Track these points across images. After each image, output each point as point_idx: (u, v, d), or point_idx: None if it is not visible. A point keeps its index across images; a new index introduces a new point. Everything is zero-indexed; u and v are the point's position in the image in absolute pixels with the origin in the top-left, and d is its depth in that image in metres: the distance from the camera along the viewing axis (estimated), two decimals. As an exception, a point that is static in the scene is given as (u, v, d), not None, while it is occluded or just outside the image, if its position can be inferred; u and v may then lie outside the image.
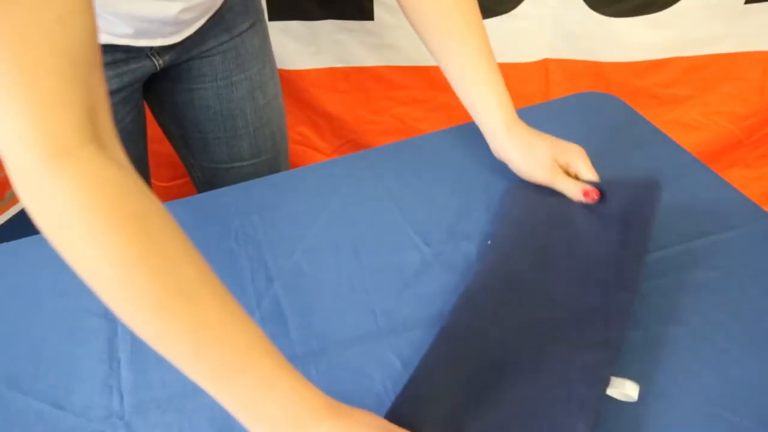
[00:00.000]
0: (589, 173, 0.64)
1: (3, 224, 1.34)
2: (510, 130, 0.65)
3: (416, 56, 1.24)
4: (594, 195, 0.62)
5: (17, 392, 0.51)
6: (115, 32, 0.65)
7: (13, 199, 1.35)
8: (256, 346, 0.41)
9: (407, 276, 0.59)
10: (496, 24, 1.18)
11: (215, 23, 0.75)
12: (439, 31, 0.66)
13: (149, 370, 0.52)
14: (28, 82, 0.35)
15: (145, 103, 0.82)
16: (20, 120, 0.35)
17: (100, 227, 0.37)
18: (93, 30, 0.38)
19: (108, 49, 0.66)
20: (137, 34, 0.66)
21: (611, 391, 0.47)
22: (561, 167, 0.65)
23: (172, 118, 0.84)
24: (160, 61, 0.73)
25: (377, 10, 1.19)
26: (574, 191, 0.63)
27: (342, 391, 0.50)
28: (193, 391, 0.50)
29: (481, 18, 0.66)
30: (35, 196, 0.38)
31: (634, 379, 0.48)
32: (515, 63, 1.24)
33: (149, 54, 0.71)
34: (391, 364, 0.52)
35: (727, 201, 0.65)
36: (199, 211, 0.67)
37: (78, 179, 0.37)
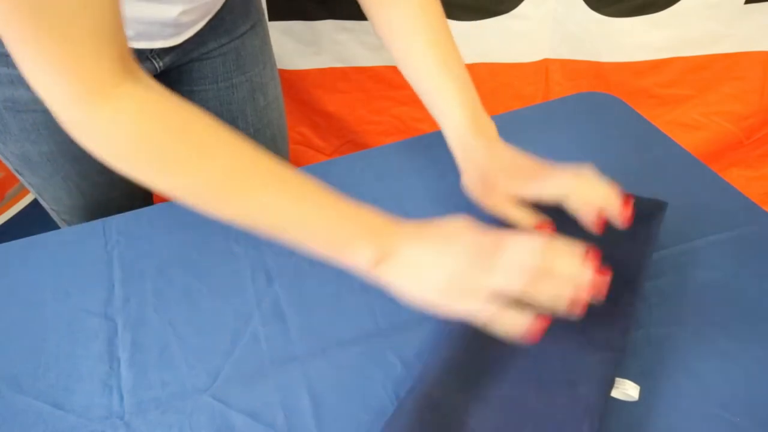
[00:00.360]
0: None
1: (3, 224, 1.35)
2: (468, 145, 0.59)
3: (416, 56, 1.24)
4: (598, 225, 0.52)
5: (17, 392, 0.51)
6: None
7: (13, 199, 1.36)
8: (316, 189, 0.47)
9: (407, 276, 0.59)
10: (496, 24, 1.18)
11: (215, 25, 0.75)
12: (403, 33, 0.63)
13: (149, 370, 0.52)
14: (63, 39, 0.39)
15: None
16: (60, 74, 0.40)
17: (157, 145, 0.44)
18: None
19: None
20: (137, 36, 0.66)
21: (612, 392, 0.47)
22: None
23: None
24: (160, 63, 0.73)
25: (377, 10, 1.19)
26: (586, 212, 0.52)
27: (342, 391, 0.50)
28: (193, 391, 0.50)
29: (448, 25, 0.63)
30: (87, 134, 0.43)
31: (635, 379, 0.48)
32: (515, 63, 1.24)
33: (149, 56, 0.71)
34: (391, 364, 0.52)
35: (727, 201, 0.65)
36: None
37: (125, 112, 0.42)
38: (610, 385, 0.47)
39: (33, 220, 1.38)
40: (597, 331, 0.50)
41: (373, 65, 1.28)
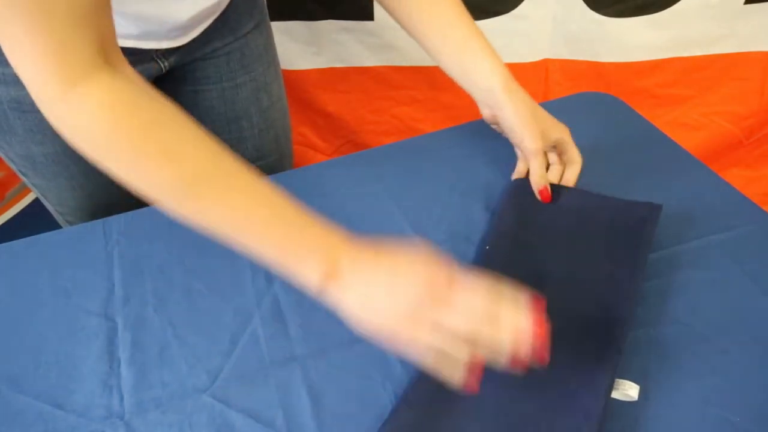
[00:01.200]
0: (577, 155, 0.66)
1: (3, 224, 1.35)
2: (508, 86, 0.65)
3: (416, 56, 1.24)
4: (546, 196, 0.64)
5: (17, 392, 0.51)
6: (119, 33, 0.65)
7: (14, 200, 1.36)
8: (285, 204, 0.47)
9: (407, 276, 0.59)
10: (496, 24, 1.18)
11: (220, 24, 0.75)
12: (428, 18, 0.67)
13: (149, 370, 0.52)
14: (45, 24, 0.40)
15: None
16: (41, 55, 0.41)
17: (122, 139, 0.44)
18: None
19: None
20: (142, 36, 0.66)
21: (612, 393, 0.47)
22: (548, 143, 0.66)
23: None
24: (165, 64, 0.73)
25: (377, 10, 1.19)
26: (540, 179, 0.64)
27: (342, 392, 0.50)
28: (193, 391, 0.50)
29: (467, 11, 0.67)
30: (62, 119, 0.44)
31: (634, 379, 0.48)
32: (515, 63, 1.24)
33: (154, 57, 0.71)
34: (391, 364, 0.52)
35: (727, 201, 0.65)
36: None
37: (97, 97, 0.43)
38: (609, 391, 0.46)
39: (33, 220, 1.38)
40: (593, 338, 0.50)
41: (373, 65, 1.28)
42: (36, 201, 1.38)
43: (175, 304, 0.58)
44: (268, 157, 0.87)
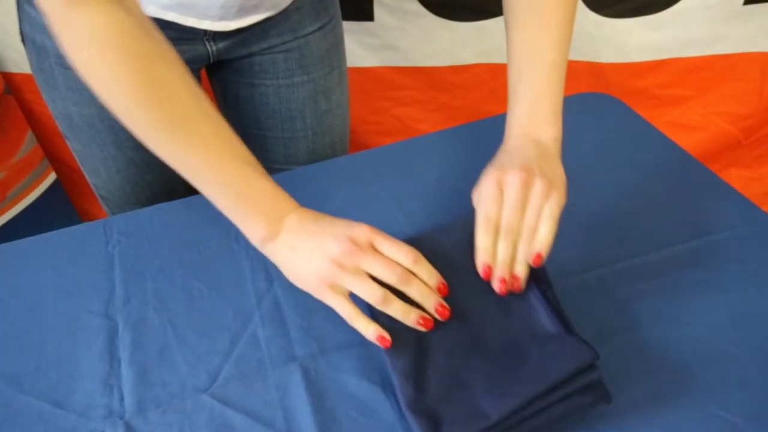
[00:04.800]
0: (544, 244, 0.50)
1: (3, 224, 1.35)
2: (513, 135, 0.56)
3: (416, 57, 1.24)
4: (487, 275, 0.49)
5: (18, 392, 0.51)
6: (159, 2, 0.65)
7: (14, 200, 1.35)
8: (240, 158, 0.51)
9: (407, 276, 0.59)
10: (496, 25, 1.19)
11: (279, 21, 0.74)
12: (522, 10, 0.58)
13: (150, 370, 0.52)
14: None
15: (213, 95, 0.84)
16: None
17: (110, 59, 0.46)
18: None
19: (159, 24, 0.66)
20: (181, 7, 0.65)
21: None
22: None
23: (233, 110, 0.83)
24: (213, 48, 0.72)
25: (377, 10, 1.19)
26: (483, 253, 0.50)
27: (342, 392, 0.50)
28: (193, 391, 0.50)
29: (572, 12, 0.58)
30: (61, 32, 0.47)
31: (635, 379, 0.48)
32: (515, 63, 1.24)
33: (203, 38, 0.70)
34: (391, 363, 0.52)
35: (726, 201, 0.65)
36: (200, 211, 0.67)
37: (93, 18, 0.45)
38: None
39: (34, 220, 1.38)
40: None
41: (373, 66, 1.28)
42: (36, 201, 1.38)
43: (176, 304, 0.58)
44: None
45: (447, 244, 0.54)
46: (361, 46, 1.25)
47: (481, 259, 0.50)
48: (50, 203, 1.40)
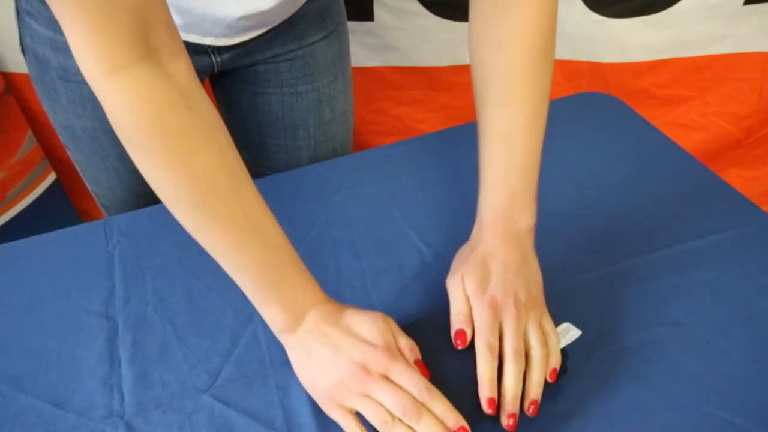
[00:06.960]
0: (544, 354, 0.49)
1: (3, 224, 1.35)
2: (481, 228, 0.55)
3: (416, 57, 1.24)
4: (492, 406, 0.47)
5: (18, 392, 0.51)
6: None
7: (14, 200, 1.35)
8: (270, 240, 0.48)
9: (407, 277, 0.59)
10: (495, 24, 1.18)
11: (283, 31, 0.74)
12: (494, 99, 0.56)
13: (150, 370, 0.52)
14: (81, 10, 0.40)
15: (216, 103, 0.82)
16: (82, 41, 0.41)
17: (144, 139, 0.44)
18: None
19: None
20: (187, 27, 0.65)
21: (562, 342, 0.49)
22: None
23: (236, 117, 0.83)
24: (218, 59, 0.72)
25: (377, 10, 1.19)
26: (488, 382, 0.48)
27: (342, 391, 0.50)
28: (193, 391, 0.50)
29: (547, 85, 0.57)
30: (101, 99, 0.44)
31: (635, 379, 0.48)
32: (515, 63, 1.24)
33: (208, 51, 0.70)
34: (391, 364, 0.52)
35: (726, 201, 0.65)
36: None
37: (127, 94, 0.43)
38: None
39: (34, 220, 1.38)
40: None
41: (373, 66, 1.28)
42: (37, 201, 1.38)
43: (176, 304, 0.58)
44: None
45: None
46: (362, 46, 1.25)
47: (487, 393, 0.47)
48: (50, 203, 1.40)
